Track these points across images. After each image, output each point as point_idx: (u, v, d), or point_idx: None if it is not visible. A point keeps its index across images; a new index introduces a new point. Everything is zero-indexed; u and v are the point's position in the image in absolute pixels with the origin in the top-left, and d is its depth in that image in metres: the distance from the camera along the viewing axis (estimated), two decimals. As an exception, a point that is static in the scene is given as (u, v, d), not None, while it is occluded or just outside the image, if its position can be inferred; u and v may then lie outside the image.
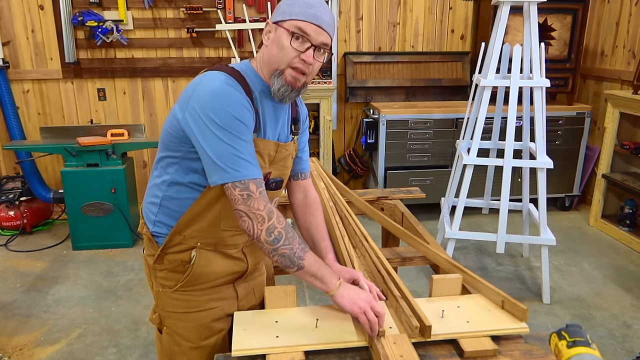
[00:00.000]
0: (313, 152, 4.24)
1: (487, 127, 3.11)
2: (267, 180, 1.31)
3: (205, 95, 1.14)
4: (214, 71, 1.21)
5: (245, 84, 1.21)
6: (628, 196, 3.68)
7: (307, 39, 1.18)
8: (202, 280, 1.31)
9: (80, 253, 3.45)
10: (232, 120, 1.13)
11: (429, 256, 1.54)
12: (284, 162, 1.36)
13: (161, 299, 1.35)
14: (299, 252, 1.17)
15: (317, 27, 1.18)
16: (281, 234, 1.15)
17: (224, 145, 1.12)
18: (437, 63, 4.22)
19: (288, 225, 1.18)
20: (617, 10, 3.87)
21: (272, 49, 1.21)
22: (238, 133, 1.14)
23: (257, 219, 1.14)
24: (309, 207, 1.48)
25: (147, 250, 1.37)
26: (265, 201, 1.15)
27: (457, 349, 1.12)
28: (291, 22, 1.18)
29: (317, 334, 1.15)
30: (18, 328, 2.60)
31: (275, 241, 1.15)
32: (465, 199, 2.87)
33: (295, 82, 1.21)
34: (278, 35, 1.20)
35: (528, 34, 2.72)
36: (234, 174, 1.13)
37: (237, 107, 1.14)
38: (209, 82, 1.17)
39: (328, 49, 1.23)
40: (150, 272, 1.37)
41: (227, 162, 1.13)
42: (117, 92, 3.99)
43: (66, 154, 3.35)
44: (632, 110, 3.47)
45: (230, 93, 1.15)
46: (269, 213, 1.15)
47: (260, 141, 1.25)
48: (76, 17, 3.67)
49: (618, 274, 3.18)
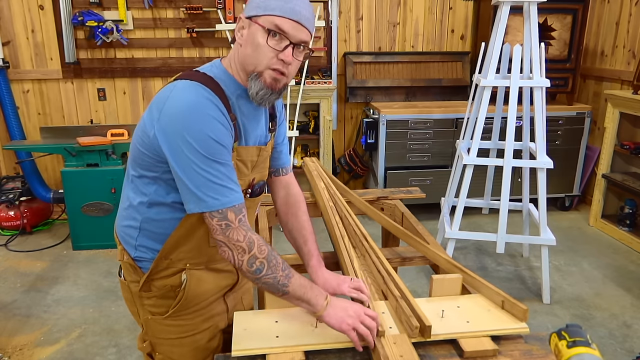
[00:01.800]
0: (313, 152, 4.24)
1: (487, 127, 3.10)
2: (252, 187, 1.25)
3: (177, 112, 1.04)
4: (185, 80, 1.10)
5: (220, 91, 1.11)
6: (628, 196, 3.68)
7: (285, 36, 1.07)
8: (195, 302, 1.25)
9: (80, 253, 3.45)
10: (208, 142, 1.03)
11: (429, 256, 1.54)
12: (264, 164, 1.31)
13: (152, 326, 1.27)
14: (283, 279, 1.11)
15: (295, 23, 1.07)
16: (263, 264, 1.10)
17: (200, 171, 1.04)
18: (437, 63, 4.22)
19: (270, 252, 1.12)
20: (617, 10, 3.87)
21: (247, 49, 1.10)
22: (214, 156, 1.05)
23: (237, 250, 1.08)
24: (291, 206, 1.40)
25: (128, 276, 1.27)
26: (245, 230, 1.09)
27: (457, 349, 1.12)
28: (267, 18, 1.07)
29: (317, 334, 1.15)
30: (18, 328, 2.60)
31: (258, 272, 1.10)
32: (465, 199, 2.87)
33: (275, 84, 1.11)
34: (252, 32, 1.09)
35: (528, 34, 2.72)
36: (211, 203, 1.05)
37: (212, 125, 1.04)
38: (181, 96, 1.06)
39: (308, 46, 1.12)
40: (134, 299, 1.28)
41: (203, 189, 1.04)
42: (117, 92, 3.99)
43: (66, 154, 3.35)
44: (632, 110, 3.47)
45: (204, 109, 1.05)
46: (249, 244, 1.09)
47: (242, 149, 1.18)
48: (76, 17, 3.67)
49: (618, 274, 3.18)
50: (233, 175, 1.10)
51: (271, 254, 1.12)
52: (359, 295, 1.23)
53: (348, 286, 1.25)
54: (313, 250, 1.35)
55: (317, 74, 4.00)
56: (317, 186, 1.99)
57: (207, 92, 1.08)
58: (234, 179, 1.10)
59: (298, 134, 3.84)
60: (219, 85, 1.11)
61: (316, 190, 1.99)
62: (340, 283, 1.27)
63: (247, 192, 1.25)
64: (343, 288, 1.25)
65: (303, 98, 3.81)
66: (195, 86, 1.08)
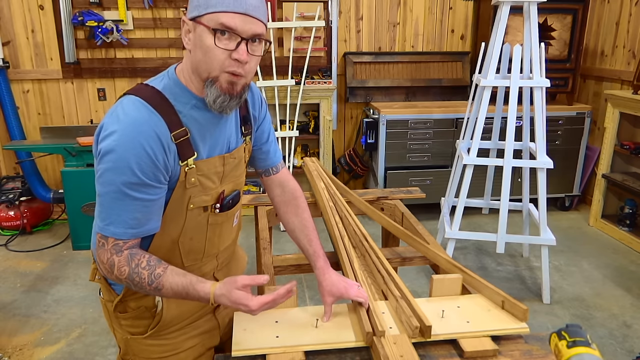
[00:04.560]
0: (313, 152, 4.24)
1: (487, 127, 3.10)
2: (221, 201, 1.18)
3: (111, 134, 1.00)
4: (131, 96, 1.05)
5: (166, 108, 1.04)
6: (628, 196, 3.68)
7: (235, 33, 0.98)
8: (176, 322, 1.21)
9: (80, 253, 3.45)
10: (127, 174, 1.00)
11: (429, 256, 1.54)
12: (236, 172, 1.22)
13: (132, 346, 1.24)
14: (153, 291, 1.05)
15: (243, 15, 0.97)
16: (128, 284, 1.06)
17: (107, 196, 1.03)
18: (437, 63, 4.22)
19: (132, 272, 1.04)
20: (617, 10, 3.87)
21: (197, 54, 1.02)
22: (129, 187, 1.01)
23: (105, 269, 1.07)
24: (289, 204, 1.35)
25: (104, 295, 1.24)
26: (112, 253, 1.05)
27: (457, 349, 1.12)
28: (210, 17, 0.97)
29: (317, 334, 1.15)
30: (18, 328, 2.59)
31: (131, 287, 1.07)
32: (465, 199, 2.87)
33: (232, 87, 1.03)
34: (198, 35, 1.00)
35: (528, 34, 2.72)
36: (100, 225, 1.05)
37: (139, 158, 1.00)
38: (119, 118, 1.02)
39: (264, 38, 1.03)
40: (111, 318, 1.25)
41: (101, 209, 1.05)
42: (117, 92, 3.99)
43: (66, 154, 3.35)
44: (632, 110, 3.47)
45: (137, 137, 0.99)
46: (111, 266, 1.05)
47: (202, 163, 1.11)
48: (76, 17, 3.67)
49: (618, 274, 3.18)
50: (140, 211, 1.04)
51: (132, 273, 1.04)
52: (362, 302, 1.19)
53: (355, 292, 1.21)
54: (318, 250, 1.30)
55: (317, 74, 4.00)
56: (317, 186, 1.99)
57: (150, 111, 1.02)
58: (136, 215, 1.04)
59: (298, 134, 3.84)
60: (166, 101, 1.05)
61: (316, 190, 1.99)
62: (347, 287, 1.22)
63: (214, 207, 1.17)
64: (350, 292, 1.21)
65: (303, 98, 3.81)
66: (138, 105, 1.03)
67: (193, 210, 1.14)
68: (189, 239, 1.17)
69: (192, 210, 1.14)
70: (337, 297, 1.21)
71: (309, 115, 4.12)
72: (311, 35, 3.84)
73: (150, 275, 1.04)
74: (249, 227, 3.11)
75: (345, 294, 1.21)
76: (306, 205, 1.37)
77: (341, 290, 1.21)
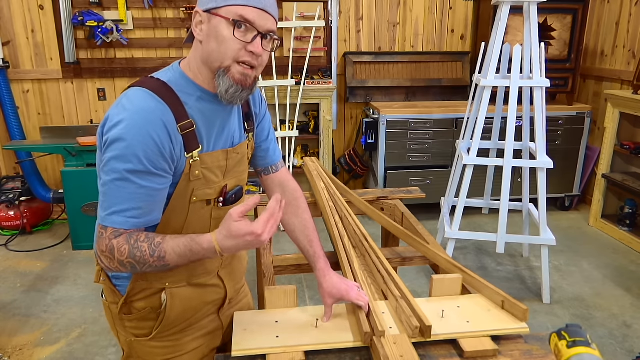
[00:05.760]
0: (313, 152, 4.24)
1: (487, 127, 3.11)
2: (224, 195, 1.18)
3: (117, 123, 1.00)
4: (136, 88, 1.05)
5: (173, 98, 1.05)
6: (628, 196, 3.68)
7: (252, 26, 1.01)
8: (179, 322, 1.20)
9: (80, 253, 3.45)
10: (133, 161, 0.99)
11: (429, 256, 1.54)
12: (239, 168, 1.22)
13: (136, 348, 1.23)
14: (158, 262, 1.02)
15: (261, 11, 1.01)
16: (131, 263, 1.02)
17: (111, 183, 1.01)
18: (437, 63, 4.22)
19: (132, 248, 1.02)
20: (617, 10, 3.87)
21: (211, 44, 1.03)
22: (133, 174, 1.00)
23: (106, 258, 1.04)
24: (289, 205, 1.33)
25: (108, 297, 1.22)
26: (110, 239, 1.03)
27: (457, 349, 1.12)
28: (229, 9, 1.01)
29: (317, 334, 1.15)
30: (18, 328, 2.59)
31: (134, 269, 1.04)
32: (465, 199, 2.87)
33: (245, 79, 1.05)
34: (214, 26, 1.02)
35: (528, 34, 2.72)
36: (103, 216, 1.03)
37: (145, 145, 1.00)
38: (125, 108, 1.02)
39: (275, 36, 1.06)
40: (115, 321, 1.23)
41: (103, 199, 1.04)
42: (117, 92, 3.99)
43: (66, 154, 3.35)
44: (632, 110, 3.47)
45: (144, 126, 1.00)
46: (111, 251, 1.02)
47: (206, 156, 1.11)
48: (76, 17, 3.67)
49: (618, 274, 3.18)
50: (144, 200, 1.03)
51: (133, 249, 1.02)
52: (362, 306, 1.18)
53: (355, 294, 1.20)
54: (319, 252, 1.29)
55: (317, 74, 4.00)
56: (317, 186, 1.99)
57: (157, 100, 1.03)
58: (140, 204, 1.03)
59: (298, 134, 3.84)
60: (172, 92, 1.06)
61: (316, 190, 1.99)
62: (348, 289, 1.21)
63: (218, 201, 1.17)
64: (352, 294, 1.20)
65: (303, 98, 3.81)
66: (144, 95, 1.03)
67: (196, 203, 1.13)
68: (192, 232, 1.16)
69: (195, 203, 1.13)
70: (337, 299, 1.20)
71: (309, 115, 4.12)
72: (311, 35, 3.84)
73: (150, 246, 1.02)
74: (249, 227, 3.11)
75: (345, 297, 1.21)
76: (307, 206, 1.37)
77: (342, 292, 1.21)
